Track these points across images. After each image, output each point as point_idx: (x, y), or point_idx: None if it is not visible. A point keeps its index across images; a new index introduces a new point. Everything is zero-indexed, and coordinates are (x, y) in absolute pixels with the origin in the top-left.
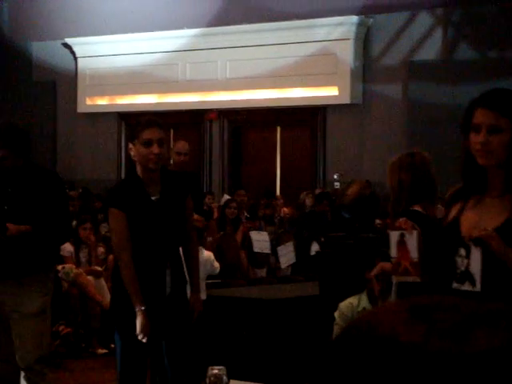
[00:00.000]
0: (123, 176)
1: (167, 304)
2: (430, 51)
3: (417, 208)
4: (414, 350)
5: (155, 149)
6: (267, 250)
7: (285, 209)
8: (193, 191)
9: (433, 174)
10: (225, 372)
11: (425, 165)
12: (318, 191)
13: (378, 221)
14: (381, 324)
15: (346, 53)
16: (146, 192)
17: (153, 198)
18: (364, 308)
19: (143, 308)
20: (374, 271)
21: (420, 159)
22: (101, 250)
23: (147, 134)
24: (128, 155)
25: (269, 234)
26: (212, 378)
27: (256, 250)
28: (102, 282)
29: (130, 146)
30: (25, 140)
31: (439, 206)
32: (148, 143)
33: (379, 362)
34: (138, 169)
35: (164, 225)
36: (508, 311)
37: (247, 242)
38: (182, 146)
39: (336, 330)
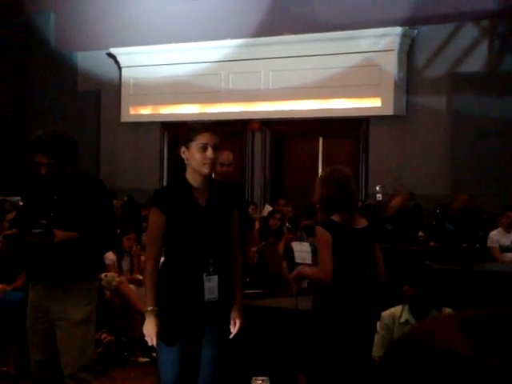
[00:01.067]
0: (165, 185)
1: (209, 310)
2: (475, 63)
3: (334, 218)
4: (467, 363)
5: (210, 153)
6: (309, 261)
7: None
8: (239, 201)
9: (352, 188)
10: (268, 382)
11: (344, 180)
12: (359, 203)
13: (421, 233)
14: (435, 335)
15: (390, 64)
16: (194, 197)
17: (200, 204)
18: (406, 320)
19: (151, 308)
20: (293, 274)
21: (340, 175)
22: (143, 258)
23: (203, 138)
24: (170, 165)
25: (310, 244)
26: None
27: (298, 260)
28: (144, 290)
29: (183, 149)
30: (72, 148)
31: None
32: (203, 147)
33: (433, 374)
34: (189, 173)
35: (208, 232)
36: None
37: (289, 253)
38: (226, 156)
39: (377, 339)
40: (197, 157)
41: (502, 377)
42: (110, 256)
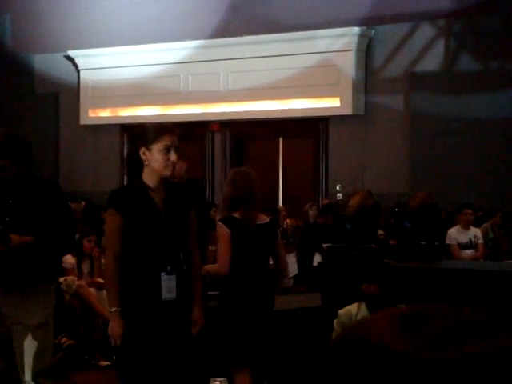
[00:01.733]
0: None
1: (167, 310)
2: (432, 62)
3: (235, 215)
4: (402, 358)
5: (172, 156)
6: (295, 272)
7: (287, 220)
8: (198, 200)
9: (253, 187)
10: (227, 383)
11: (245, 180)
12: (325, 202)
13: (380, 231)
14: (371, 331)
15: (348, 64)
16: (150, 198)
17: (156, 205)
18: (363, 317)
19: (114, 309)
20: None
21: (241, 175)
22: (104, 261)
23: (166, 140)
24: (132, 168)
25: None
26: None
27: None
28: (104, 293)
29: (143, 150)
30: (26, 150)
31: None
32: (166, 149)
33: (368, 370)
34: (146, 174)
35: (165, 231)
36: (500, 318)
37: None
38: (179, 168)
39: (333, 336)
40: (159, 159)
41: (435, 372)
42: (70, 259)
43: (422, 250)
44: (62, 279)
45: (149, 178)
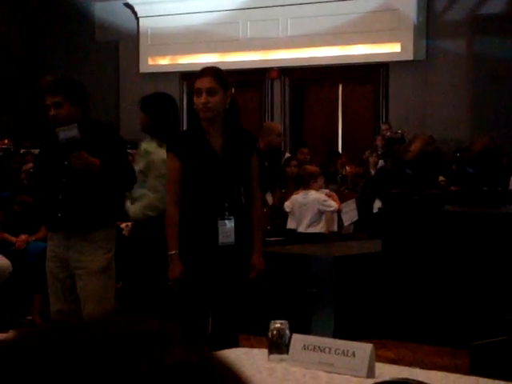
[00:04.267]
0: None
1: (225, 254)
2: (496, 4)
3: None
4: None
5: (203, 98)
6: (355, 218)
7: (347, 167)
8: (275, 170)
9: None
10: (287, 326)
11: None
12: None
13: (441, 178)
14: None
15: (409, 8)
16: (208, 142)
17: (214, 149)
18: None
19: (174, 252)
20: None
21: None
22: None
23: (197, 83)
24: (189, 114)
25: (331, 191)
26: (275, 332)
27: (346, 222)
28: None
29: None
30: (79, 89)
31: None
32: (198, 92)
33: None
34: (201, 119)
35: (222, 176)
36: (174, 331)
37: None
38: (280, 128)
39: None
40: (195, 101)
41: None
42: None
43: (484, 195)
44: (123, 225)
45: (205, 123)
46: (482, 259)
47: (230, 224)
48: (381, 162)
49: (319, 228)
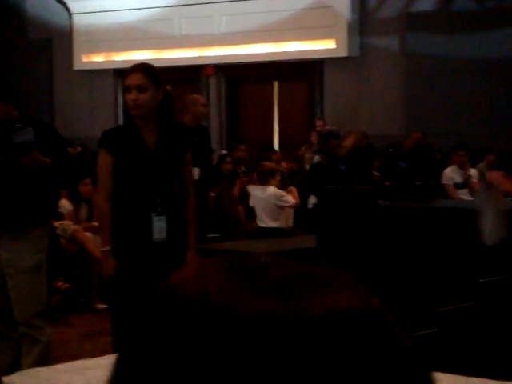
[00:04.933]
0: None
1: (158, 251)
2: (428, 2)
3: None
4: (229, 312)
5: (133, 95)
6: None
7: (283, 163)
8: (205, 146)
9: None
10: None
11: None
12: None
13: (376, 173)
14: (191, 283)
15: (343, 5)
16: (141, 138)
17: (148, 145)
18: None
19: (106, 248)
20: None
21: None
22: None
23: (127, 80)
24: (125, 111)
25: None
26: None
27: (253, 204)
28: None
29: None
30: (8, 85)
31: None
32: (128, 89)
33: (186, 326)
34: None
35: (155, 172)
36: (338, 274)
37: (245, 197)
38: (203, 98)
39: None
40: (125, 99)
41: (270, 327)
42: (66, 205)
43: (416, 189)
44: (57, 224)
45: (137, 119)
46: (414, 252)
47: (162, 220)
48: (316, 158)
49: (279, 223)
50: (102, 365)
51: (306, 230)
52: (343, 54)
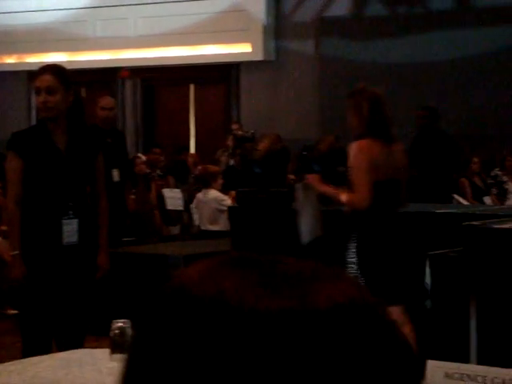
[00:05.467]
0: None
1: (69, 254)
2: (342, 7)
3: None
4: (248, 311)
5: (42, 97)
6: (180, 207)
7: (199, 166)
8: (121, 150)
9: None
10: (129, 325)
11: None
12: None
13: (292, 176)
14: (205, 282)
15: (258, 9)
16: (52, 140)
17: (58, 147)
18: None
19: (15, 253)
20: None
21: None
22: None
23: (37, 82)
24: (38, 114)
25: (182, 191)
26: (116, 331)
27: (169, 207)
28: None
29: None
30: None
31: None
32: (37, 91)
33: (206, 327)
34: None
35: (66, 175)
36: (335, 270)
37: (160, 200)
38: (108, 101)
39: None
40: (35, 101)
41: (280, 323)
42: None
43: None
44: None
45: (48, 122)
46: (329, 254)
47: (73, 223)
48: (232, 161)
49: (219, 226)
50: (10, 370)
51: (220, 233)
52: (259, 57)
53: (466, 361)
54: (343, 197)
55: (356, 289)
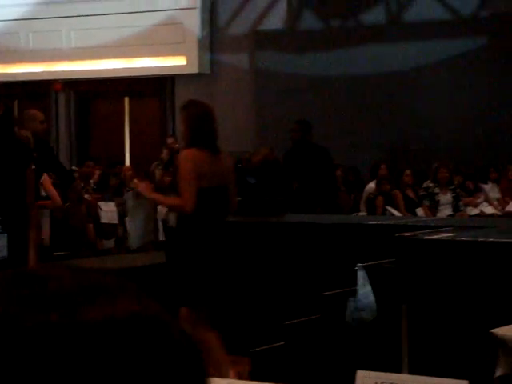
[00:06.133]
0: None
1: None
2: (276, 20)
3: None
4: (8, 325)
5: None
6: (115, 221)
7: (135, 180)
8: (53, 163)
9: None
10: None
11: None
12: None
13: None
14: None
15: (193, 22)
16: None
17: None
18: None
19: None
20: None
21: None
22: None
23: None
24: None
25: (117, 204)
26: None
27: (103, 220)
28: None
29: None
30: None
31: None
32: None
33: None
34: None
35: None
36: (120, 283)
37: (94, 213)
38: (41, 114)
39: None
40: None
41: (47, 338)
42: None
43: (265, 204)
44: None
45: None
46: (263, 266)
47: (3, 238)
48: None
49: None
50: None
51: (156, 246)
52: (194, 70)
53: (399, 370)
54: (169, 202)
55: (137, 301)
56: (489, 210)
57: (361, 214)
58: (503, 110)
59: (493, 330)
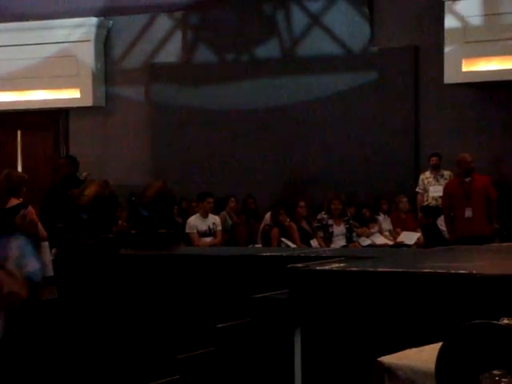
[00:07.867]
0: None
1: None
2: (171, 54)
3: None
4: None
5: None
6: None
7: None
8: None
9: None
10: None
11: None
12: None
13: (124, 223)
14: None
15: (87, 55)
16: None
17: None
18: None
19: None
20: None
21: None
22: None
23: None
24: None
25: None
26: None
27: None
28: None
29: None
30: None
31: None
32: None
33: None
34: None
35: None
36: None
37: None
38: None
39: None
40: None
41: None
42: None
43: (159, 237)
44: None
45: None
46: (157, 300)
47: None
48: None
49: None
50: None
51: (46, 281)
52: (88, 103)
53: None
54: None
55: None
56: (380, 240)
57: (257, 245)
58: (393, 142)
59: (379, 358)
